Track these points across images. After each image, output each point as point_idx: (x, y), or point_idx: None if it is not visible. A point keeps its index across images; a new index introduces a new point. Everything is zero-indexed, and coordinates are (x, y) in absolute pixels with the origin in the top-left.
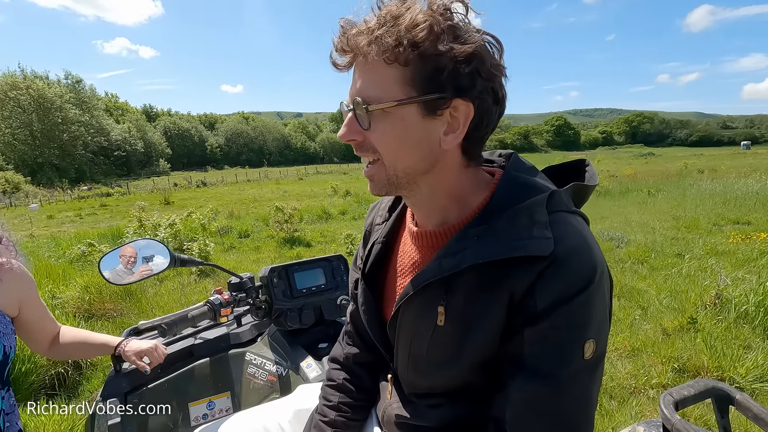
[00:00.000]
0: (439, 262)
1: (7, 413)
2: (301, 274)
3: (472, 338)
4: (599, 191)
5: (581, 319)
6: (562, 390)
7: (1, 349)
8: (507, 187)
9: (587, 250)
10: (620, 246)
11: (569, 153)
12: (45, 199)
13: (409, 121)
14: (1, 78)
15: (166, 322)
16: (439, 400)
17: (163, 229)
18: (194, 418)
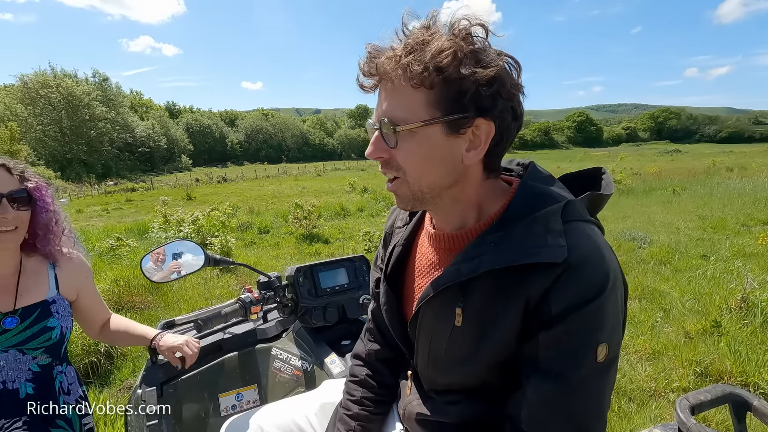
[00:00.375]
0: (457, 267)
1: (70, 383)
2: (325, 273)
3: (488, 339)
4: (622, 189)
5: (594, 324)
6: (574, 391)
7: (59, 329)
8: (524, 196)
9: (600, 258)
10: (642, 246)
11: (591, 150)
12: (74, 194)
13: (433, 139)
14: (33, 77)
15: (201, 317)
16: (458, 397)
17: (187, 224)
18: (224, 408)
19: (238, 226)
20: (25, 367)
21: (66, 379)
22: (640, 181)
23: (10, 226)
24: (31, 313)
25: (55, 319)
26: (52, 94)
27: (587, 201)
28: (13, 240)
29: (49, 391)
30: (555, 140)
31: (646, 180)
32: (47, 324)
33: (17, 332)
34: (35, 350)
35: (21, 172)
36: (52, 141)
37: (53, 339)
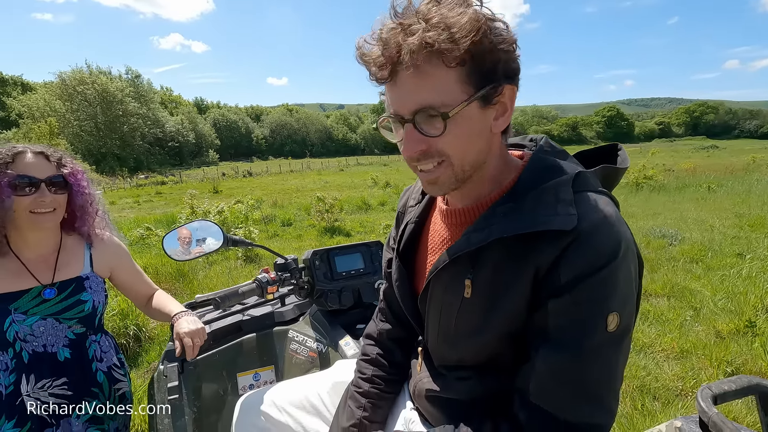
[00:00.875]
0: (467, 236)
1: (104, 351)
2: (342, 258)
3: (497, 309)
4: (653, 186)
5: (604, 292)
6: (584, 360)
7: (91, 302)
8: (535, 168)
9: (611, 226)
10: (673, 244)
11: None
12: (107, 187)
13: (472, 116)
14: (71, 74)
15: (219, 296)
16: (468, 373)
17: (212, 216)
18: (242, 387)
19: (262, 218)
20: (62, 334)
21: (99, 347)
22: (672, 177)
23: (48, 208)
24: (67, 287)
25: (88, 293)
26: (88, 91)
27: (600, 174)
28: (52, 220)
29: (84, 357)
30: (583, 135)
31: (680, 176)
32: (81, 297)
33: (55, 303)
34: (70, 320)
35: (58, 159)
36: (88, 136)
37: (86, 311)
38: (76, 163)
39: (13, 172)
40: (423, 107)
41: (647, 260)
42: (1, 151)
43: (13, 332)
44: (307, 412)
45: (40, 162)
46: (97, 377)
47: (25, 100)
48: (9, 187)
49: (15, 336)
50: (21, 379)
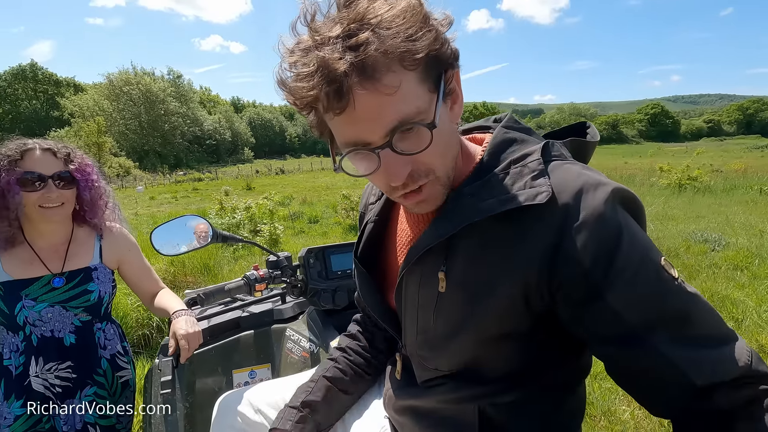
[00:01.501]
0: (434, 226)
1: (108, 339)
2: (338, 256)
3: (480, 303)
4: (697, 187)
5: (640, 253)
6: (693, 317)
7: (97, 293)
8: (499, 142)
9: (596, 186)
10: (716, 249)
11: (665, 144)
12: (149, 182)
13: (443, 118)
14: (118, 75)
15: (204, 292)
16: (445, 380)
17: (240, 211)
18: (236, 384)
19: (290, 215)
20: (69, 321)
21: (104, 335)
22: (720, 178)
23: (55, 202)
24: (75, 277)
25: (95, 284)
26: (133, 91)
27: (570, 148)
28: (59, 214)
29: (89, 344)
30: (624, 134)
31: (728, 177)
32: (87, 287)
33: (62, 291)
34: (76, 308)
35: (66, 155)
36: (132, 134)
37: (92, 301)
38: (86, 157)
39: (21, 168)
40: (399, 124)
41: (685, 266)
42: (10, 148)
43: (23, 317)
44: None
45: (47, 158)
46: (101, 363)
47: (77, 100)
48: (18, 183)
49: (25, 320)
50: (30, 360)
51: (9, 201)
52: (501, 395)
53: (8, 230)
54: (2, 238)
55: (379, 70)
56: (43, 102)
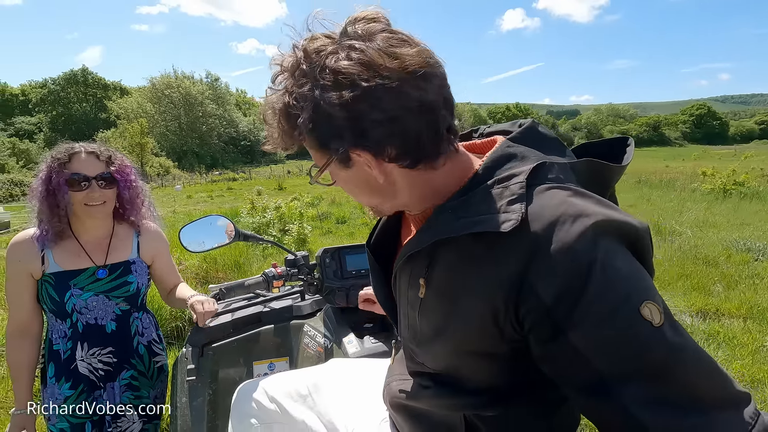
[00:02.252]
0: (419, 235)
1: (145, 327)
2: (353, 256)
3: (453, 316)
4: (744, 193)
5: (613, 295)
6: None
7: (135, 284)
8: (497, 158)
9: (575, 218)
10: (759, 259)
11: (711, 147)
12: (186, 182)
13: (340, 175)
14: (160, 79)
15: (225, 287)
16: (429, 382)
17: (270, 211)
18: (256, 375)
19: (318, 215)
20: (110, 310)
21: (141, 324)
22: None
23: (98, 201)
24: (117, 269)
25: (134, 276)
26: (174, 94)
27: (586, 171)
28: (102, 212)
29: (127, 331)
30: (666, 136)
31: None
32: (127, 279)
33: (106, 282)
34: (118, 298)
35: (108, 157)
36: (172, 135)
37: (131, 291)
38: (125, 159)
39: (69, 170)
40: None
41: (724, 276)
42: (59, 152)
43: (71, 304)
44: (294, 400)
45: (91, 161)
46: (138, 350)
47: (122, 103)
48: (66, 183)
49: (73, 308)
50: (76, 346)
51: (59, 200)
52: (486, 408)
53: (58, 225)
54: (53, 233)
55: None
56: (93, 105)
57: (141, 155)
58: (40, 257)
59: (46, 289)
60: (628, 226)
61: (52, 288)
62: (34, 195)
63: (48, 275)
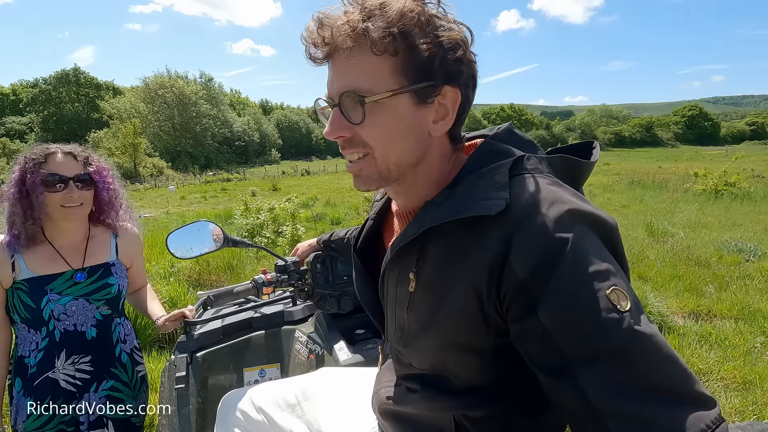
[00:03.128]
0: (406, 229)
1: (126, 334)
2: (344, 262)
3: (441, 307)
4: (735, 194)
5: (582, 275)
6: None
7: (116, 286)
8: (480, 154)
9: (551, 202)
10: (750, 260)
11: (703, 148)
12: (180, 182)
13: (401, 111)
14: (153, 79)
15: (214, 294)
16: (417, 385)
17: (264, 212)
18: (247, 381)
19: (312, 216)
20: (91, 315)
21: (123, 330)
22: (762, 184)
23: (76, 202)
24: (96, 271)
25: (114, 278)
26: (167, 94)
27: (561, 167)
28: (79, 213)
29: (109, 337)
30: (659, 137)
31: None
32: (108, 281)
33: (85, 285)
34: (99, 301)
35: (85, 158)
36: (166, 135)
37: (112, 294)
38: (102, 161)
39: (45, 171)
40: (347, 90)
41: (715, 277)
42: (35, 152)
43: (48, 311)
44: (282, 410)
45: (68, 161)
46: (121, 358)
47: (115, 103)
48: (42, 184)
49: (50, 314)
50: (53, 356)
51: (33, 201)
52: (475, 409)
53: (32, 228)
54: (26, 237)
55: (351, 42)
56: (85, 105)
57: (134, 155)
58: (9, 264)
59: (18, 296)
60: (599, 218)
61: (26, 295)
62: (6, 197)
63: (20, 282)
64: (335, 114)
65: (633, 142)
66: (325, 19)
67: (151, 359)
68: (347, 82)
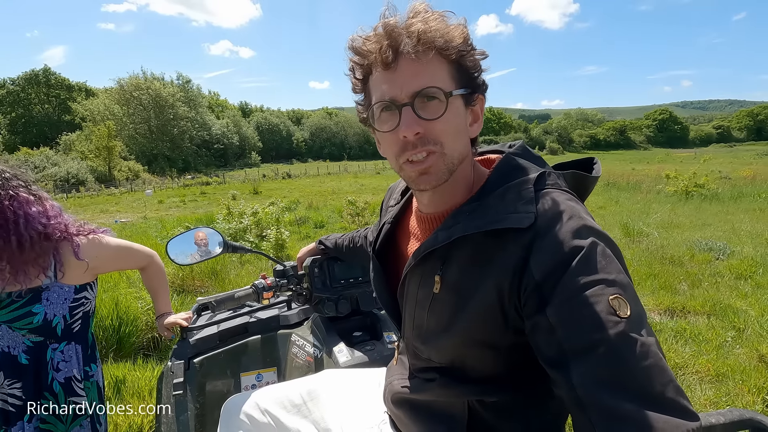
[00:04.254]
0: (435, 234)
1: (66, 361)
2: (341, 266)
3: (465, 309)
4: (704, 195)
5: (589, 278)
6: (620, 353)
7: (42, 315)
8: (503, 168)
9: (570, 217)
10: (720, 258)
11: (673, 150)
12: (157, 186)
13: (460, 110)
14: (128, 80)
15: (215, 299)
16: (434, 375)
17: (247, 216)
18: (244, 386)
19: (296, 220)
20: (20, 341)
21: (62, 356)
22: (728, 185)
23: None
24: (22, 297)
25: (41, 305)
26: (143, 96)
27: (571, 181)
28: None
29: (41, 365)
30: (632, 140)
31: (737, 185)
32: (32, 309)
33: (6, 312)
34: (21, 329)
35: None
36: (142, 138)
37: (35, 323)
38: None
39: None
40: (424, 88)
41: (688, 275)
42: None
43: None
44: (287, 411)
45: None
46: (53, 387)
47: (88, 104)
48: None
49: None
50: None
51: None
52: (488, 395)
53: None
54: None
55: (422, 50)
56: (56, 106)
57: (108, 159)
58: None
59: None
60: (609, 237)
61: None
62: None
63: None
64: (408, 114)
65: (608, 144)
66: (390, 30)
67: (137, 368)
68: (421, 82)
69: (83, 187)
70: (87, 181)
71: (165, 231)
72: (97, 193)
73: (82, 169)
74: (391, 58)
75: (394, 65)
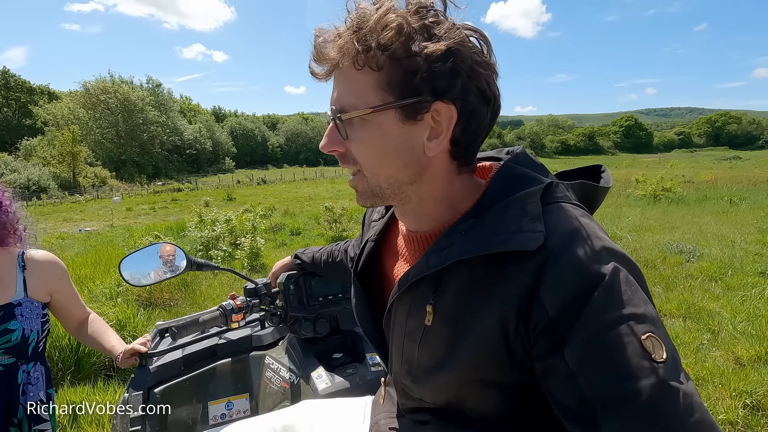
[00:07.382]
0: (426, 258)
1: (32, 384)
2: (319, 282)
3: (462, 343)
4: (671, 198)
5: (616, 313)
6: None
7: (20, 331)
8: (502, 178)
9: (587, 237)
10: (691, 260)
11: (639, 155)
12: (126, 193)
13: (387, 128)
14: (94, 83)
15: (176, 325)
16: (427, 416)
17: (220, 224)
18: (213, 417)
19: (271, 227)
20: None
21: (27, 378)
22: (692, 189)
23: None
24: None
25: (17, 321)
26: (111, 100)
27: (579, 191)
28: None
29: (12, 389)
30: (600, 145)
31: (700, 188)
32: (8, 326)
33: None
34: None
35: None
36: (109, 143)
37: (13, 341)
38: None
39: None
40: (334, 106)
41: (662, 278)
42: None
43: None
44: None
45: None
46: (18, 412)
47: (51, 108)
48: None
49: None
50: None
51: None
52: None
53: None
54: None
55: (340, 60)
56: (15, 110)
57: (73, 165)
58: None
59: None
60: (632, 260)
61: None
62: None
63: None
64: (330, 128)
65: (578, 150)
66: (318, 35)
67: (97, 391)
68: (335, 98)
69: (45, 195)
70: (49, 188)
71: (132, 240)
72: (60, 200)
73: (44, 175)
74: (318, 72)
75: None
